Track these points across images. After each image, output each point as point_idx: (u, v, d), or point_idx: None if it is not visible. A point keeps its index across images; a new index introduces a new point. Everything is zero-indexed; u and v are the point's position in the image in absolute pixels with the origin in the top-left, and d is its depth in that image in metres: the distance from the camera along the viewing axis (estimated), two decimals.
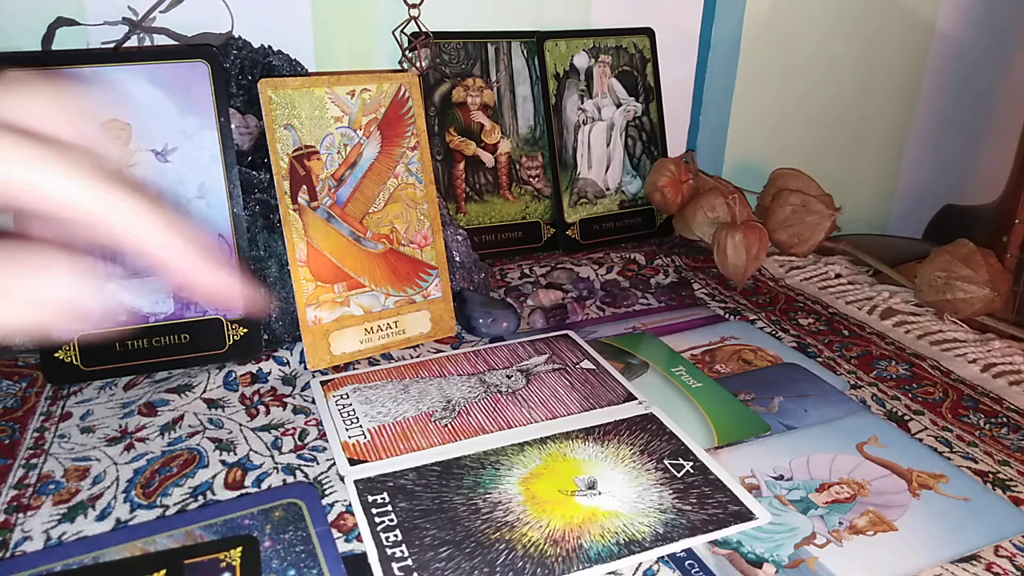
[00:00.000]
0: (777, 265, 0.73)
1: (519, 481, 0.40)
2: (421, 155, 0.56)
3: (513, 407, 0.47)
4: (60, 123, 0.28)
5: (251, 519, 0.35)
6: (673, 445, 0.44)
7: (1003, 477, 0.43)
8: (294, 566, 0.33)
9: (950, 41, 0.97)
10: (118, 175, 0.28)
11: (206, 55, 0.53)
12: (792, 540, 0.37)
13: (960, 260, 0.62)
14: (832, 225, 0.72)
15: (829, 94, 0.92)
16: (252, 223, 0.54)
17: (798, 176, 0.77)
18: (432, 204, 0.56)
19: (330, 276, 0.52)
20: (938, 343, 0.59)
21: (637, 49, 0.78)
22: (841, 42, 0.90)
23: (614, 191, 0.78)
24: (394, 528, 0.36)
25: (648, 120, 0.79)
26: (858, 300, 0.66)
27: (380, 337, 0.54)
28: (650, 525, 0.37)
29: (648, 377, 0.52)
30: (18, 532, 0.36)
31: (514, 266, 0.70)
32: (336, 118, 0.53)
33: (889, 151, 1.01)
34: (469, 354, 0.53)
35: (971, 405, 0.51)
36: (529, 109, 0.74)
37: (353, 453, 0.42)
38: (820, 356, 0.56)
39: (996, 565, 0.36)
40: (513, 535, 0.36)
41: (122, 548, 0.33)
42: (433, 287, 0.56)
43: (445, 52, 0.70)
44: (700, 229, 0.74)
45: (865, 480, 0.42)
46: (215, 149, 0.53)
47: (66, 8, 0.59)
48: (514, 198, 0.74)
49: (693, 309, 0.63)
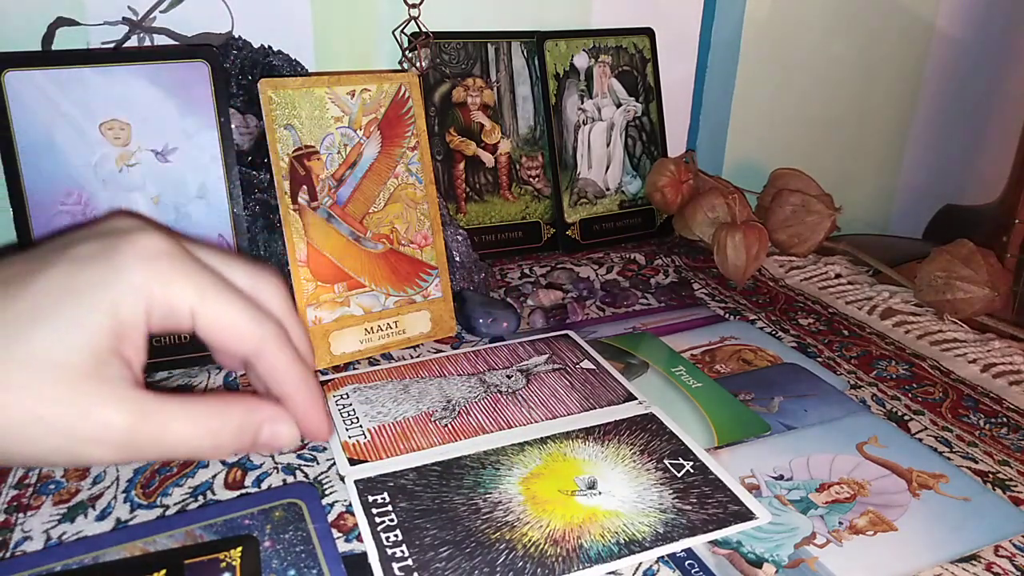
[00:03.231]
0: (777, 265, 0.73)
1: (519, 481, 0.40)
2: (421, 155, 0.56)
3: (513, 407, 0.47)
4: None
5: (251, 519, 0.35)
6: (673, 445, 0.44)
7: (1003, 477, 0.43)
8: (294, 566, 0.33)
9: (950, 41, 0.97)
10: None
11: (206, 55, 0.53)
12: (792, 540, 0.37)
13: (960, 260, 0.62)
14: (832, 225, 0.72)
15: (829, 94, 0.92)
16: (252, 223, 0.54)
17: (798, 176, 0.77)
18: (432, 204, 0.56)
19: (330, 276, 0.52)
20: (938, 343, 0.59)
21: (637, 49, 0.78)
22: (841, 42, 0.90)
23: (614, 191, 0.78)
24: (394, 528, 0.36)
25: (648, 120, 0.79)
26: (858, 300, 0.66)
27: (380, 337, 0.54)
28: (650, 525, 0.37)
29: (648, 377, 0.52)
30: (18, 532, 0.36)
31: (514, 266, 0.70)
32: (336, 118, 0.53)
33: (889, 151, 1.01)
34: (469, 354, 0.53)
35: (971, 405, 0.51)
36: (529, 109, 0.74)
37: (353, 453, 0.42)
38: (820, 356, 0.56)
39: (996, 565, 0.37)
40: (513, 535, 0.36)
41: (122, 548, 0.33)
42: (433, 287, 0.56)
43: (445, 52, 0.70)
44: (700, 229, 0.74)
45: (865, 480, 0.42)
46: (215, 149, 0.53)
47: (66, 8, 0.59)
48: (514, 198, 0.74)
49: (693, 309, 0.63)
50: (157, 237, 0.32)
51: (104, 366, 0.30)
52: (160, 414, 0.31)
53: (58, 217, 0.50)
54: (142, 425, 0.30)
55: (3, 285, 0.30)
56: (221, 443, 0.32)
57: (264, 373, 0.34)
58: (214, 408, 0.32)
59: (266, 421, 0.33)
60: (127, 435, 0.30)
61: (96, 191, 0.50)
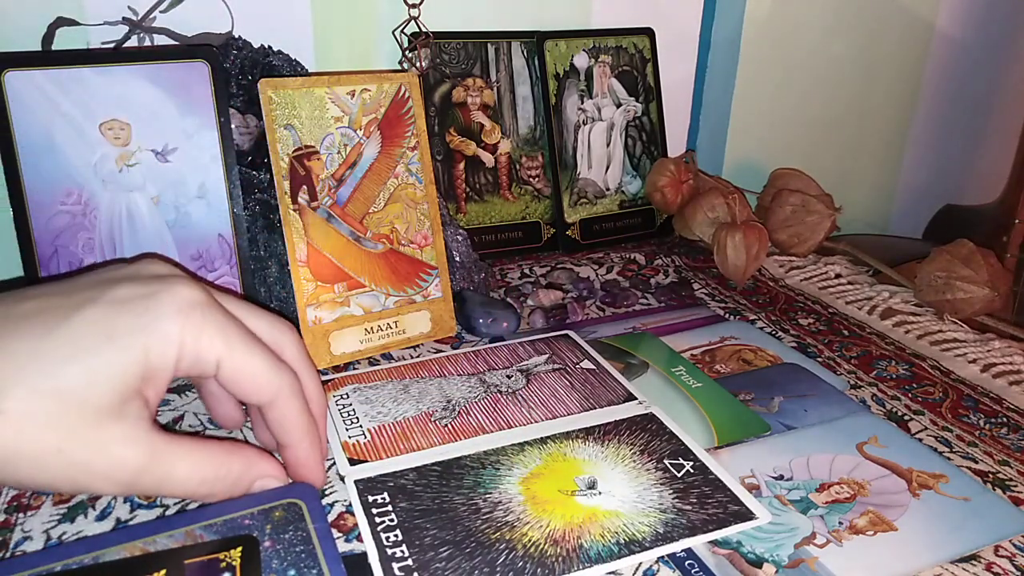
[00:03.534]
0: (777, 265, 0.73)
1: (519, 481, 0.40)
2: (421, 155, 0.56)
3: (513, 407, 0.47)
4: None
5: (251, 519, 0.35)
6: (673, 445, 0.44)
7: (1003, 477, 0.43)
8: (294, 566, 0.33)
9: (950, 41, 0.97)
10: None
11: (206, 55, 0.53)
12: (792, 540, 0.37)
13: (960, 260, 0.62)
14: (832, 225, 0.72)
15: (829, 94, 0.92)
16: (252, 223, 0.54)
17: (798, 176, 0.77)
18: (432, 204, 0.56)
19: (330, 276, 0.52)
20: (938, 343, 0.59)
21: (637, 49, 0.78)
22: (841, 42, 0.90)
23: (614, 191, 0.78)
24: (394, 528, 0.36)
25: (648, 120, 0.79)
26: (858, 300, 0.66)
27: (380, 337, 0.54)
28: (650, 525, 0.37)
29: (648, 377, 0.52)
30: (18, 532, 0.36)
31: (514, 266, 0.70)
32: (336, 118, 0.53)
33: (889, 151, 1.01)
34: (469, 354, 0.53)
35: (971, 405, 0.51)
36: (529, 109, 0.74)
37: (353, 453, 0.42)
38: (820, 356, 0.56)
39: (996, 565, 0.37)
40: (513, 535, 0.36)
41: (122, 548, 0.33)
42: (433, 287, 0.56)
43: (445, 52, 0.70)
44: (700, 229, 0.74)
45: (865, 480, 0.42)
46: (215, 149, 0.53)
47: (66, 8, 0.59)
48: (514, 198, 0.74)
49: (693, 309, 0.63)
50: (193, 288, 0.34)
51: (126, 404, 0.31)
52: (169, 456, 0.32)
53: (58, 217, 0.50)
54: (151, 465, 0.32)
55: (41, 315, 0.31)
56: (215, 491, 0.35)
57: (274, 420, 0.36)
58: (217, 458, 0.34)
59: (260, 477, 0.36)
60: (135, 475, 0.32)
61: (96, 191, 0.50)
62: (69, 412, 0.30)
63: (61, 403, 0.29)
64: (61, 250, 0.50)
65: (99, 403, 0.30)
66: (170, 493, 0.33)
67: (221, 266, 0.53)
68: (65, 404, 0.30)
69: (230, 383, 0.34)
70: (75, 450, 0.30)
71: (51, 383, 0.29)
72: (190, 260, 0.53)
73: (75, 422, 0.30)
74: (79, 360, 0.30)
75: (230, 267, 0.54)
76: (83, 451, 0.30)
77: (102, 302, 0.32)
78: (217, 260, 0.53)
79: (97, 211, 0.51)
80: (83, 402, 0.30)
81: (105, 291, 0.32)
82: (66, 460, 0.30)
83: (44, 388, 0.29)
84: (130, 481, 0.31)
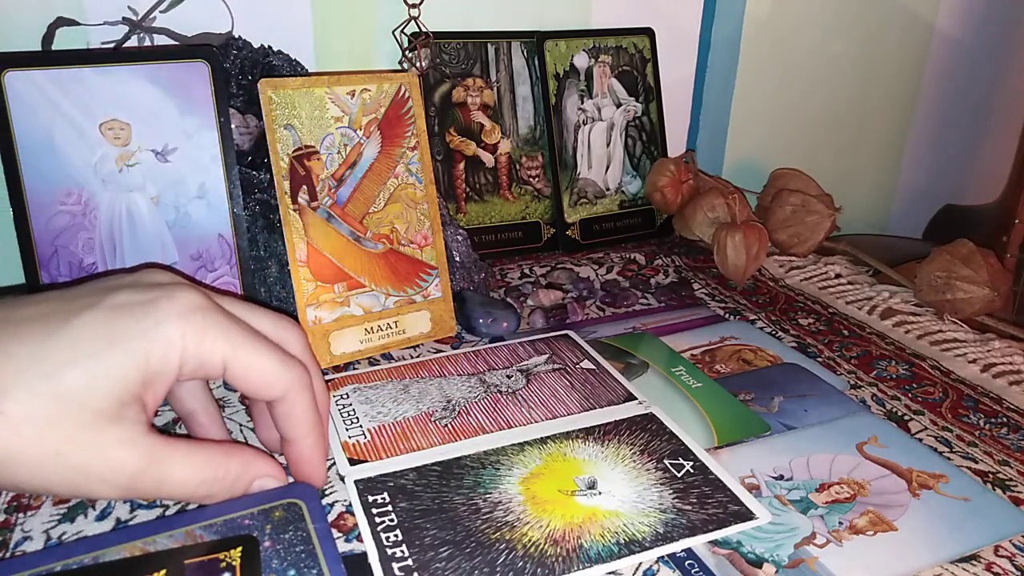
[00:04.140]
0: (777, 265, 0.73)
1: (519, 481, 0.40)
2: (421, 155, 0.56)
3: (513, 407, 0.47)
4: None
5: (251, 519, 0.35)
6: (673, 445, 0.44)
7: (1003, 477, 0.43)
8: (294, 566, 0.33)
9: (950, 41, 0.97)
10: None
11: (206, 55, 0.53)
12: (792, 540, 0.37)
13: (960, 260, 0.62)
14: (832, 225, 0.72)
15: (829, 94, 0.93)
16: (252, 223, 0.54)
17: (798, 176, 0.77)
18: (432, 204, 0.56)
19: (330, 276, 0.52)
20: (938, 343, 0.59)
21: (637, 49, 0.78)
22: (841, 42, 0.90)
23: (614, 191, 0.78)
24: (394, 528, 0.36)
25: (648, 120, 0.79)
26: (858, 300, 0.66)
27: (380, 337, 0.54)
28: (650, 525, 0.37)
29: (648, 377, 0.52)
30: (18, 532, 0.36)
31: (514, 266, 0.70)
32: (336, 118, 0.53)
33: (889, 151, 1.01)
34: (469, 354, 0.53)
35: (971, 405, 0.51)
36: (529, 109, 0.74)
37: (353, 453, 0.42)
38: (820, 356, 0.56)
39: (996, 565, 0.37)
40: (513, 535, 0.36)
41: (122, 548, 0.33)
42: (433, 287, 0.56)
43: (445, 52, 0.70)
44: (700, 229, 0.74)
45: (865, 480, 0.42)
46: (215, 149, 0.53)
47: (66, 8, 0.59)
48: (514, 198, 0.74)
49: (693, 309, 0.63)
50: (194, 293, 0.34)
51: (124, 408, 0.31)
52: (166, 459, 0.32)
53: (58, 217, 0.50)
54: (149, 468, 0.32)
55: (41, 320, 0.31)
56: (214, 492, 0.35)
57: (282, 414, 0.36)
58: (214, 460, 0.35)
59: (258, 477, 0.36)
60: (133, 478, 0.32)
61: (96, 191, 0.50)
62: (68, 415, 0.30)
63: (60, 406, 0.30)
64: (61, 250, 0.50)
65: (98, 406, 0.30)
66: (169, 495, 0.33)
67: (221, 266, 0.53)
68: (64, 407, 0.30)
69: (240, 382, 0.34)
70: (73, 453, 0.30)
71: (50, 386, 0.29)
72: (190, 260, 0.53)
73: (74, 425, 0.30)
74: (79, 364, 0.30)
75: (230, 267, 0.54)
76: (81, 454, 0.30)
77: (103, 307, 0.32)
78: (217, 260, 0.53)
79: (97, 211, 0.51)
80: (82, 405, 0.30)
81: (106, 297, 0.32)
82: (64, 463, 0.30)
83: (43, 391, 0.29)
84: (128, 484, 0.31)
